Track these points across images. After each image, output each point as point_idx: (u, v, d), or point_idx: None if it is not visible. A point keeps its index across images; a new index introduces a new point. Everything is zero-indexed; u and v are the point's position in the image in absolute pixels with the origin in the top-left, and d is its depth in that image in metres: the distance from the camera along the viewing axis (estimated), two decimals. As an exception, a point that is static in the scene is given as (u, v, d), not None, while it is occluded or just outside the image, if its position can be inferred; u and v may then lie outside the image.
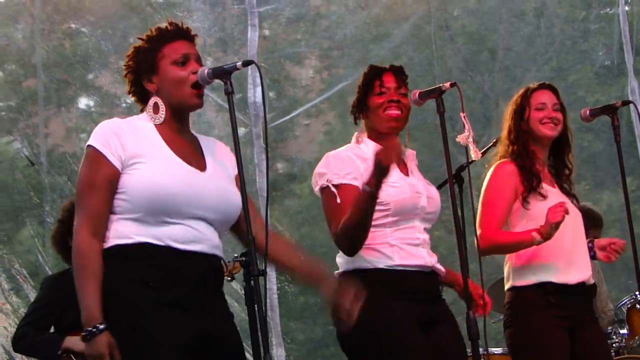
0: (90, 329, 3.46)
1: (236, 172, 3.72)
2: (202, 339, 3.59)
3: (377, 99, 4.46)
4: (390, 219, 4.32)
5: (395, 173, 4.32)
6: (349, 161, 4.38)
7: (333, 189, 4.33)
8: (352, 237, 4.23)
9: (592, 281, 4.93)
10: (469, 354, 4.39)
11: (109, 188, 3.60)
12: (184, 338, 3.55)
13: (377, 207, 4.22)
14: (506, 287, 4.96)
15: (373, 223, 4.24)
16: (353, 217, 4.16)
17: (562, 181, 5.01)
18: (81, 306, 3.51)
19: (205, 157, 3.78)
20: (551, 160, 5.03)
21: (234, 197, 3.69)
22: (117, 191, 3.61)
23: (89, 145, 3.65)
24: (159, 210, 3.57)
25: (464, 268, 4.21)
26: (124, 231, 3.60)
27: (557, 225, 4.58)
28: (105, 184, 3.60)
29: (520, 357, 4.96)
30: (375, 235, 4.31)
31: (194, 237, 3.61)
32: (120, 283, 3.54)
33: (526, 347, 4.90)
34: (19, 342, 5.96)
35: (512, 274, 4.92)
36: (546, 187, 4.88)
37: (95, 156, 3.62)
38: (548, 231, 4.61)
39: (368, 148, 4.44)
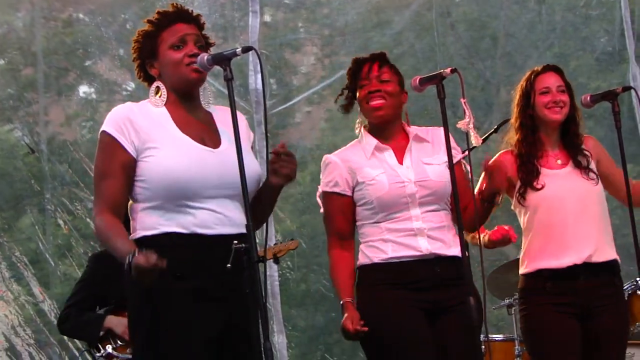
0: (128, 259, 3.35)
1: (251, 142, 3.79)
2: (226, 331, 3.60)
3: (361, 92, 4.46)
4: (380, 215, 4.37)
5: (374, 169, 4.38)
6: (332, 167, 4.44)
7: (319, 199, 4.50)
8: None
9: (603, 258, 4.81)
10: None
11: (124, 174, 3.61)
12: (210, 331, 3.56)
13: (365, 207, 4.38)
14: None
15: (369, 221, 4.38)
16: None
17: (576, 155, 4.92)
18: (118, 255, 3.46)
19: (219, 132, 3.77)
20: (563, 140, 4.96)
21: (250, 169, 3.58)
22: (137, 179, 3.63)
23: (103, 131, 3.66)
24: (178, 196, 3.57)
25: (463, 253, 4.23)
26: (149, 222, 3.61)
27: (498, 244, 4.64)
28: (120, 170, 3.61)
29: (525, 346, 5.01)
30: (372, 232, 4.39)
31: (218, 220, 3.61)
32: None
33: (525, 336, 4.91)
34: (63, 324, 6.01)
35: (520, 261, 4.93)
36: (550, 172, 4.85)
37: (109, 142, 3.63)
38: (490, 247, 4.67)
39: (367, 142, 4.47)
